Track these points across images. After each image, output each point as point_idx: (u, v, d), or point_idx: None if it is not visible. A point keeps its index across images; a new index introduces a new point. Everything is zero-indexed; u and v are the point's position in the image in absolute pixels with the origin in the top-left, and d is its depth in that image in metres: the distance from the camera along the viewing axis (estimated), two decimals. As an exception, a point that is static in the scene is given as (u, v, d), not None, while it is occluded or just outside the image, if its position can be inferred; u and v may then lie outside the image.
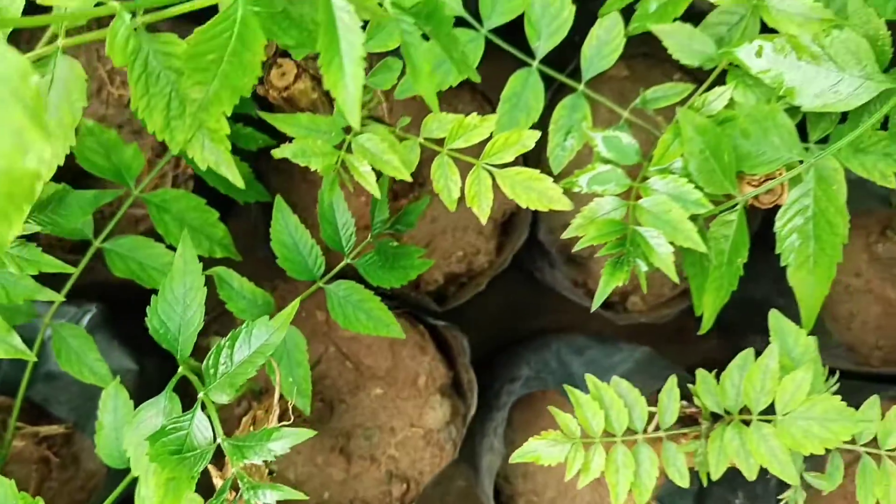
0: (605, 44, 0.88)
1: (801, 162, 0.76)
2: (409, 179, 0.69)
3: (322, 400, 1.06)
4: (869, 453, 0.74)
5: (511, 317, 1.40)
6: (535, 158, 0.92)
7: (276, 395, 0.78)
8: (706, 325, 0.78)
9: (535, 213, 1.05)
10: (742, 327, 1.20)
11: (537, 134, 0.74)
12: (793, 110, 0.78)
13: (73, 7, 0.50)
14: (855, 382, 1.13)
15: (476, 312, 1.24)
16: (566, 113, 0.87)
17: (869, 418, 0.71)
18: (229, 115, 0.56)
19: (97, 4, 0.51)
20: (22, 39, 0.96)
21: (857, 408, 1.09)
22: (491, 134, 0.77)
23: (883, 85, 0.74)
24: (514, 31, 0.88)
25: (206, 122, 0.56)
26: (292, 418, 0.76)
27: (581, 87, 0.88)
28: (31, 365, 0.85)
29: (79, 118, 0.59)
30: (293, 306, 0.65)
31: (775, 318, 0.74)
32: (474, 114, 0.74)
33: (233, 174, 0.60)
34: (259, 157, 0.92)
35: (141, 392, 0.83)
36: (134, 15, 0.54)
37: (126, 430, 0.70)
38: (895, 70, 0.76)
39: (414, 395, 1.07)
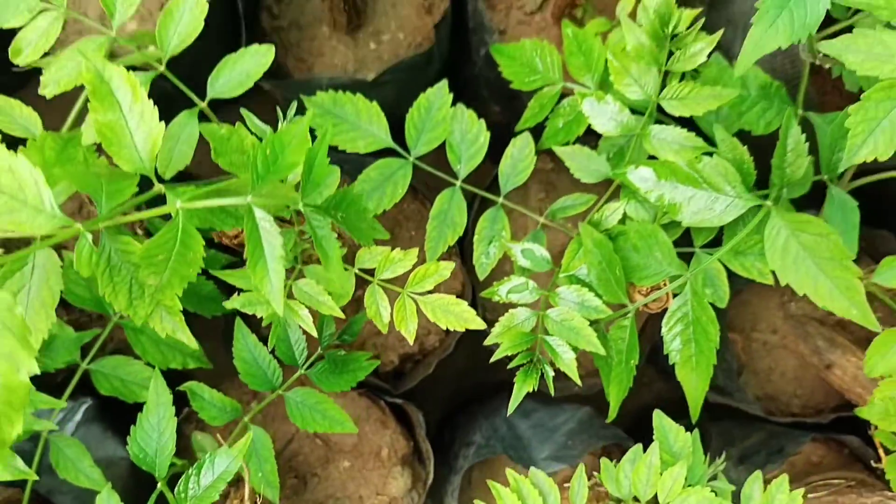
0: (518, 161, 1.00)
1: (681, 275, 0.88)
2: (342, 316, 0.82)
3: (296, 476, 1.18)
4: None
5: (474, 372, 1.53)
6: (470, 260, 1.04)
7: (247, 489, 0.91)
8: (612, 414, 0.91)
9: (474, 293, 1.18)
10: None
11: (452, 265, 0.86)
12: (676, 224, 0.90)
13: (45, 232, 0.62)
14: (777, 428, 1.26)
15: (443, 369, 1.37)
16: (488, 224, 1.00)
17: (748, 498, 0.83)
18: (180, 295, 0.68)
19: (64, 226, 0.63)
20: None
21: (780, 451, 1.21)
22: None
23: (750, 202, 0.86)
24: (440, 153, 1.00)
25: (162, 301, 0.68)
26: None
27: (500, 200, 1.00)
28: (35, 465, 0.98)
29: (57, 298, 0.72)
30: (248, 438, 0.78)
31: (658, 417, 0.86)
32: (398, 249, 0.86)
33: (187, 338, 0.73)
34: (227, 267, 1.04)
35: (133, 474, 0.97)
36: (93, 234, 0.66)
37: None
38: (763, 189, 0.89)
39: (378, 467, 1.20)
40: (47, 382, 0.96)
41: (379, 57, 1.24)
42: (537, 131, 1.04)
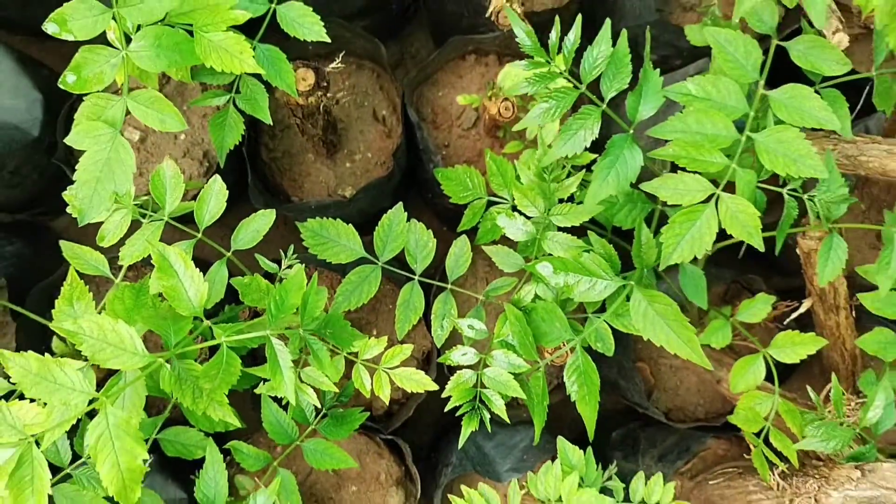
0: (459, 258, 1.36)
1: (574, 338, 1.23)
2: (337, 391, 1.18)
3: (316, 500, 1.54)
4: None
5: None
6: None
7: (280, 517, 1.27)
8: (537, 437, 1.26)
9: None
10: (622, 388, 1.66)
11: (411, 347, 1.22)
12: (571, 300, 1.26)
13: (138, 367, 0.98)
14: (688, 431, 1.61)
15: (429, 406, 1.73)
16: (441, 305, 1.36)
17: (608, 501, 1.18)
18: (226, 394, 1.04)
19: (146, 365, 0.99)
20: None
21: (688, 450, 1.56)
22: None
23: (618, 283, 1.21)
24: (402, 257, 1.36)
25: (214, 398, 1.04)
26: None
27: (448, 286, 1.36)
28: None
29: (143, 402, 1.08)
30: (278, 480, 1.14)
31: (560, 441, 1.22)
32: (373, 338, 1.22)
33: (234, 420, 1.08)
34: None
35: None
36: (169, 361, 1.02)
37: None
38: (627, 273, 1.24)
39: (378, 488, 1.56)
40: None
41: (353, 173, 1.60)
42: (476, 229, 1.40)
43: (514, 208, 1.30)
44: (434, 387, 1.22)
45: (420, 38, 1.96)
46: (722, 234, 1.12)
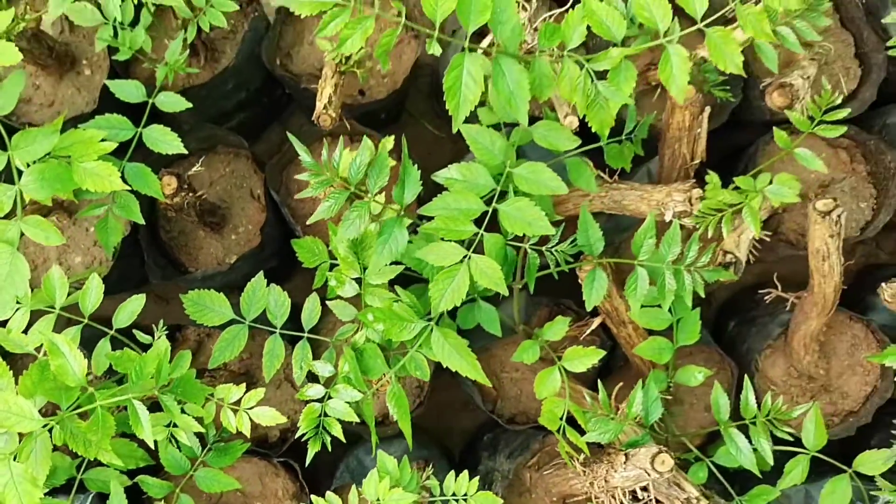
0: (312, 311, 1.70)
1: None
2: (202, 430, 1.53)
3: (228, 516, 1.89)
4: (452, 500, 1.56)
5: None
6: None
7: (181, 531, 1.62)
8: (373, 451, 1.60)
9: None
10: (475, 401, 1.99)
11: (263, 390, 1.57)
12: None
13: (34, 428, 1.33)
14: (530, 431, 1.95)
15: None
16: (300, 352, 1.70)
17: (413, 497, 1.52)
18: (108, 446, 1.39)
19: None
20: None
21: (527, 447, 1.89)
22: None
23: (422, 324, 1.55)
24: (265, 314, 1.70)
25: (101, 447, 1.39)
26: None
27: (305, 335, 1.70)
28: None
29: (50, 451, 1.42)
30: (156, 494, 1.49)
31: (381, 454, 1.56)
32: (233, 385, 1.57)
33: (116, 462, 1.43)
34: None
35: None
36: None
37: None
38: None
39: (277, 503, 1.90)
40: (66, 487, 1.67)
41: (238, 243, 1.95)
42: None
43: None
44: (283, 420, 1.57)
45: (302, 118, 2.31)
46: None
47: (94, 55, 1.93)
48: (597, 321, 1.77)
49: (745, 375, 1.67)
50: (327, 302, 1.69)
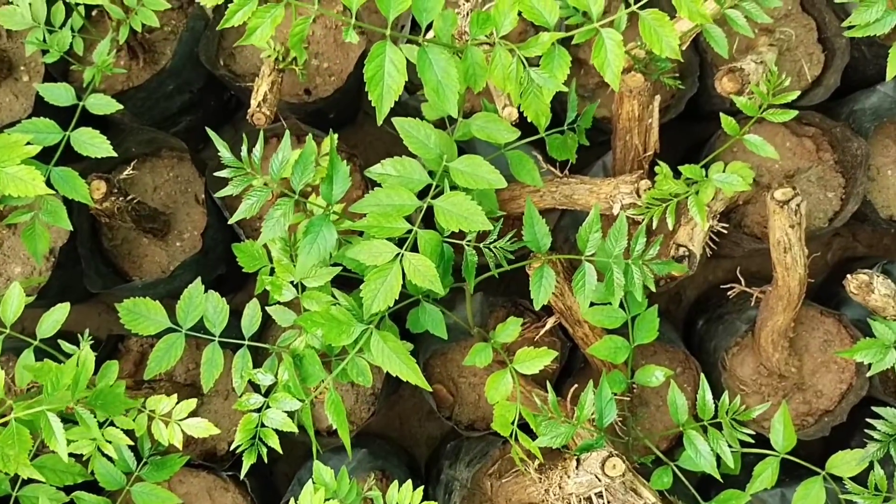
0: (252, 318, 1.63)
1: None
2: (130, 442, 1.46)
3: (176, 533, 1.82)
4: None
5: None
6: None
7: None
8: (349, 455, 1.53)
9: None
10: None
11: (194, 402, 1.50)
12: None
13: (-51, 444, 1.27)
14: (490, 437, 1.88)
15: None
16: (240, 360, 1.63)
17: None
18: (27, 457, 1.32)
19: None
20: None
21: (486, 454, 1.82)
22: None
23: (362, 327, 1.48)
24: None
25: (20, 461, 1.32)
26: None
27: (245, 343, 1.63)
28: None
29: None
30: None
31: (317, 465, 1.49)
32: (164, 397, 1.50)
33: (36, 475, 1.36)
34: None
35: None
36: None
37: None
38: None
39: (228, 517, 1.84)
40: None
41: (183, 250, 1.89)
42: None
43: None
44: (216, 431, 1.50)
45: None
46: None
47: (32, 61, 1.88)
48: (551, 321, 1.70)
49: (702, 374, 1.59)
50: (267, 308, 1.63)
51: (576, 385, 1.67)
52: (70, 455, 1.62)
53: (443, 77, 1.30)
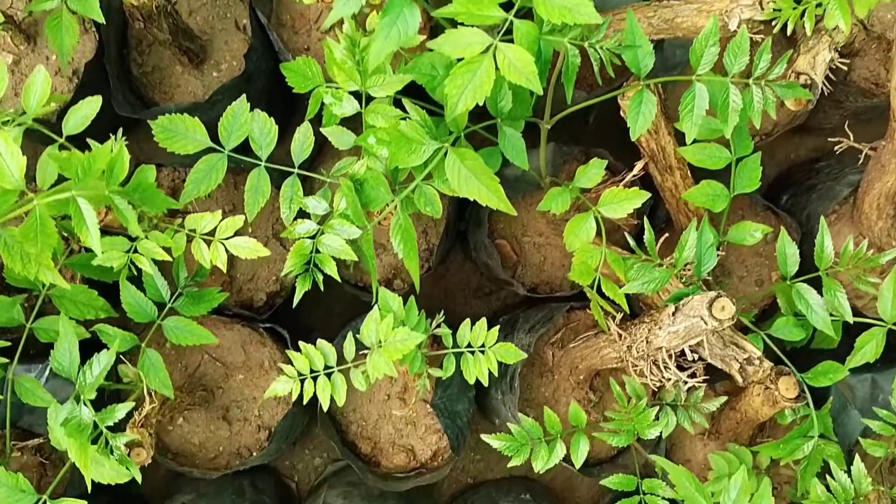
0: (303, 143, 1.44)
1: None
2: (169, 258, 1.28)
3: (205, 389, 1.64)
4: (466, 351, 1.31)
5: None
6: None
7: (145, 390, 1.37)
8: (374, 296, 1.35)
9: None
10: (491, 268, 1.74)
11: (242, 218, 1.31)
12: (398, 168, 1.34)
13: None
14: (554, 304, 1.70)
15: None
16: (288, 189, 1.44)
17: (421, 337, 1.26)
18: (50, 257, 1.13)
19: None
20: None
21: (550, 319, 1.64)
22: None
23: (435, 146, 1.29)
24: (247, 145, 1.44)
25: (42, 262, 1.14)
26: (155, 405, 1.35)
27: (295, 170, 1.44)
28: (8, 406, 1.44)
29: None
30: (118, 342, 1.24)
31: (383, 293, 1.31)
32: (208, 212, 1.31)
33: (60, 282, 1.17)
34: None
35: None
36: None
37: (54, 425, 1.29)
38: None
39: (263, 375, 1.66)
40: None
41: (221, 81, 1.69)
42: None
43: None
44: (266, 252, 1.32)
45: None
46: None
47: None
48: (639, 165, 1.50)
49: (822, 217, 1.40)
50: (322, 130, 1.43)
51: (666, 235, 1.48)
52: (91, 286, 1.45)
53: None
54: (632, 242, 1.41)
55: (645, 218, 1.41)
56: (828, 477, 1.42)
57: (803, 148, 2.05)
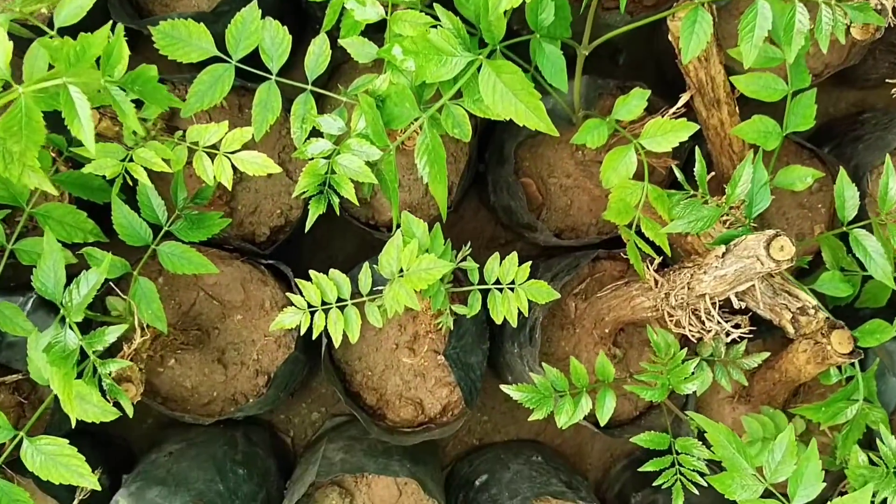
0: (319, 56, 1.31)
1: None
2: (170, 170, 1.14)
3: (200, 329, 1.51)
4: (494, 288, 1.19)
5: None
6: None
7: (136, 321, 1.24)
8: (395, 218, 1.22)
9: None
10: (514, 210, 1.62)
11: (251, 130, 1.18)
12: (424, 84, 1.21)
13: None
14: (579, 252, 1.58)
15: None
16: (300, 106, 1.31)
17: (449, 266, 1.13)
18: (36, 157, 1.00)
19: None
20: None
21: (576, 266, 1.52)
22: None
23: (468, 58, 1.16)
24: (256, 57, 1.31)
25: (26, 163, 1.00)
26: (147, 337, 1.22)
27: (309, 87, 1.31)
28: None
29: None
30: (108, 261, 1.11)
31: (406, 217, 1.18)
32: (213, 123, 1.18)
33: (49, 188, 1.04)
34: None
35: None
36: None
37: (35, 353, 1.16)
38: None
39: (263, 315, 1.53)
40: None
41: (227, -5, 1.55)
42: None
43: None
44: (277, 169, 1.18)
45: None
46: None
47: None
48: (685, 96, 1.38)
49: (888, 155, 1.29)
50: (341, 41, 1.29)
51: (712, 173, 1.36)
52: (81, 207, 1.32)
53: None
54: (679, 175, 1.29)
55: (696, 148, 1.29)
56: (876, 442, 1.32)
57: (843, 102, 1.93)
